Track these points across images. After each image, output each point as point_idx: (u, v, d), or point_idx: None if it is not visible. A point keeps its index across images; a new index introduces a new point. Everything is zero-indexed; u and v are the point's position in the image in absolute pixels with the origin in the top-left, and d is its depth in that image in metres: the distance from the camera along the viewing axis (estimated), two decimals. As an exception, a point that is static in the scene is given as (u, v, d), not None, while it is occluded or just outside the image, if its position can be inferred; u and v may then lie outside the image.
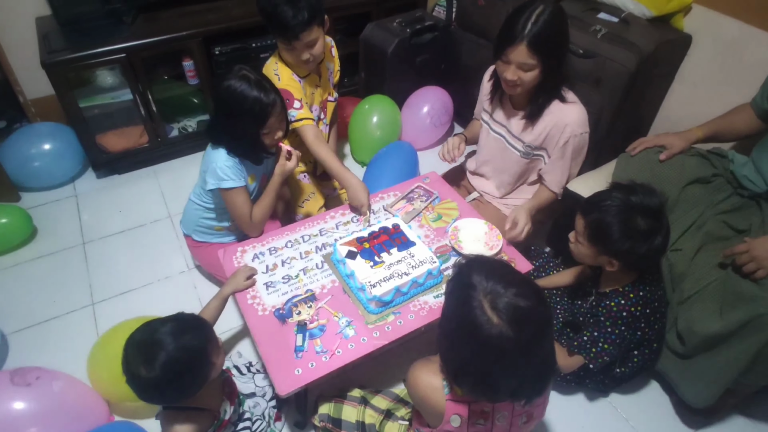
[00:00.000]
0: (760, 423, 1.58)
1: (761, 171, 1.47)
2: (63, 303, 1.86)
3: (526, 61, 1.45)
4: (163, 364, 1.07)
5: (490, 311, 0.84)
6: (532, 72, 1.48)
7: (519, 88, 1.54)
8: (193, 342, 1.13)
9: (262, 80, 1.50)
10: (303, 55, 1.67)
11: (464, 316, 0.87)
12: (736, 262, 1.32)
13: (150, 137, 2.41)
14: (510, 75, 1.49)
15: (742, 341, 1.27)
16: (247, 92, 1.45)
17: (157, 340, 1.10)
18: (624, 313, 1.39)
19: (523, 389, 0.89)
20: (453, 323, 0.91)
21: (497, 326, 0.83)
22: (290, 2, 1.55)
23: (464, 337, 0.88)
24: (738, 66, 1.82)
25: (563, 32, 1.48)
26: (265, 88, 1.48)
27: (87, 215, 2.25)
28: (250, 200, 1.60)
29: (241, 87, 1.45)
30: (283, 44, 1.67)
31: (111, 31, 2.13)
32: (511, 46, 1.44)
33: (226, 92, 1.47)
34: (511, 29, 1.43)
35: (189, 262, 2.04)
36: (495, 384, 0.88)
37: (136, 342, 1.12)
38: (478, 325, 0.84)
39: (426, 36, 2.48)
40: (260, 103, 1.46)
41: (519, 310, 0.83)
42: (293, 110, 1.72)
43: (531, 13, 1.41)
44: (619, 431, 1.56)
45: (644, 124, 2.19)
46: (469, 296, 0.86)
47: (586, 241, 1.35)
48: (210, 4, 2.41)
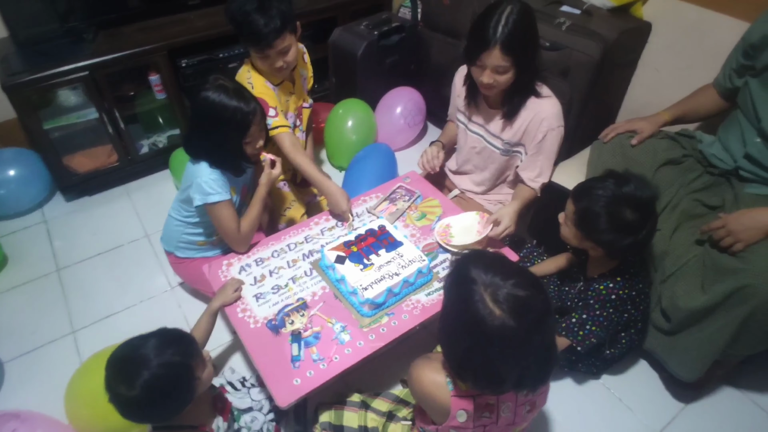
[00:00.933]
0: (747, 391, 1.64)
1: (728, 149, 1.53)
2: (42, 333, 1.80)
3: (500, 64, 1.45)
4: (144, 382, 1.03)
5: (491, 304, 0.85)
6: (507, 74, 1.49)
7: (495, 90, 1.56)
8: (174, 358, 1.08)
9: (240, 89, 1.48)
10: (277, 63, 1.66)
11: (466, 311, 0.87)
12: (714, 237, 1.37)
13: (119, 155, 2.35)
14: (486, 79, 1.50)
15: (727, 313, 1.32)
16: (227, 102, 1.42)
17: (138, 357, 1.05)
18: (613, 296, 1.42)
19: (527, 378, 0.90)
20: (455, 319, 0.92)
21: (499, 318, 0.84)
22: (261, 10, 1.53)
23: (467, 332, 0.89)
24: (697, 49, 1.89)
25: (533, 29, 1.50)
26: (244, 97, 1.46)
27: (59, 241, 2.18)
28: (236, 214, 1.57)
29: (219, 97, 1.43)
30: (256, 53, 1.65)
31: (72, 50, 2.07)
32: (485, 51, 1.44)
33: (204, 104, 1.43)
34: (483, 34, 1.43)
35: (171, 280, 1.99)
36: (500, 375, 0.89)
37: (117, 360, 1.08)
38: (480, 318, 0.85)
39: (394, 37, 2.49)
40: (241, 112, 1.44)
41: (519, 300, 0.85)
42: (269, 118, 1.70)
43: (500, 16, 1.42)
44: (613, 411, 1.59)
45: (612, 111, 2.26)
46: (469, 290, 0.87)
47: (572, 226, 1.38)
48: (172, 16, 2.37)
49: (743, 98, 1.50)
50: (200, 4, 2.39)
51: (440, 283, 1.48)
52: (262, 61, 1.67)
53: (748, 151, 1.46)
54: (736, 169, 1.51)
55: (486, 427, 1.03)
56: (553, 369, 0.93)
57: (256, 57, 1.68)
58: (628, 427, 1.55)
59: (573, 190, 1.42)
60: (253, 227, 1.60)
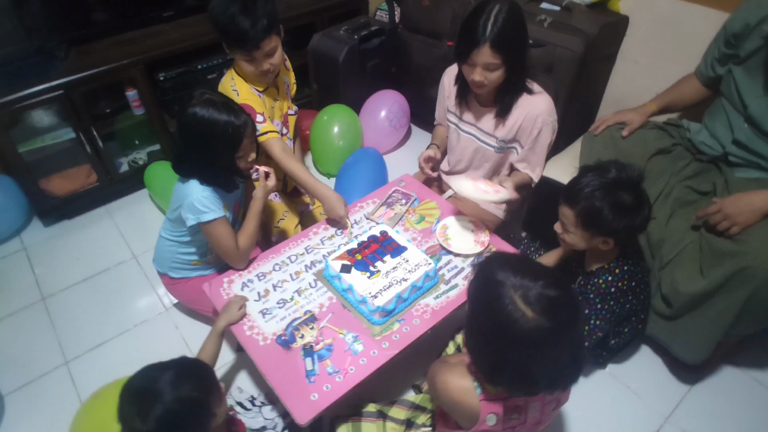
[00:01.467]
0: (747, 369, 1.69)
1: (716, 135, 1.58)
2: (34, 366, 1.71)
3: (490, 61, 1.46)
4: (159, 417, 0.99)
5: (523, 306, 0.84)
6: (497, 71, 1.50)
7: (487, 88, 1.56)
8: (193, 393, 1.05)
9: (228, 102, 1.44)
10: (263, 66, 1.63)
11: (497, 315, 0.86)
12: (710, 221, 1.41)
13: (99, 175, 2.27)
14: (477, 77, 1.51)
15: (728, 295, 1.36)
16: (217, 117, 1.38)
17: (155, 391, 1.01)
18: (612, 288, 1.45)
19: (560, 378, 0.91)
20: (485, 323, 0.91)
21: (533, 320, 0.83)
22: (247, 12, 1.50)
23: (500, 336, 0.88)
24: (675, 40, 1.95)
25: (522, 27, 1.51)
26: (234, 110, 1.42)
27: (41, 268, 2.08)
28: (233, 230, 1.53)
29: (208, 113, 1.38)
30: (242, 56, 1.61)
31: (44, 69, 1.98)
32: (476, 48, 1.45)
33: (193, 120, 1.39)
34: (473, 32, 1.44)
35: (166, 301, 1.93)
36: (534, 377, 0.88)
37: (133, 390, 1.04)
38: (513, 321, 0.84)
39: (374, 41, 2.48)
40: (232, 126, 1.40)
41: (551, 300, 0.84)
42: (257, 124, 1.66)
43: (489, 14, 1.43)
44: (623, 398, 1.62)
45: (594, 104, 2.31)
46: (498, 294, 0.86)
47: (578, 230, 1.38)
48: (146, 29, 2.30)
49: (727, 86, 1.55)
50: (174, 15, 2.33)
51: (447, 286, 1.48)
52: (248, 64, 1.63)
53: (736, 136, 1.50)
54: (724, 155, 1.56)
55: (515, 428, 1.03)
56: (584, 366, 0.93)
57: (241, 61, 1.64)
58: (638, 413, 1.58)
59: (562, 197, 1.42)
60: (251, 243, 1.56)
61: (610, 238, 1.37)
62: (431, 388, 1.12)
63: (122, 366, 1.52)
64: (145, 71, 2.16)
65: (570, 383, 0.93)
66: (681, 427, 1.54)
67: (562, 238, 1.47)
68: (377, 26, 2.51)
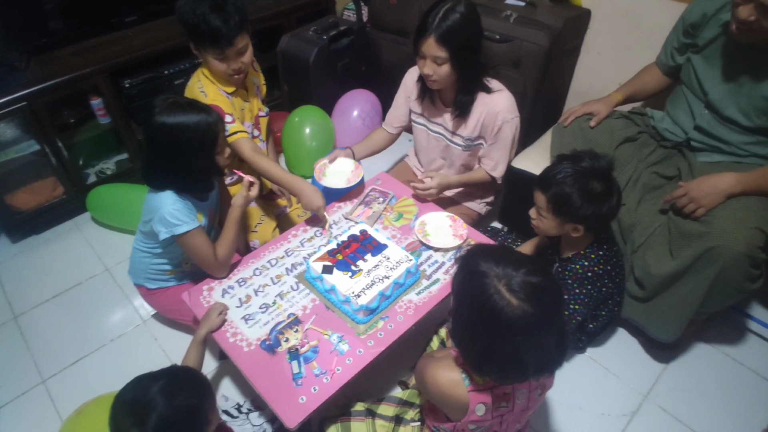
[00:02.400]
0: (716, 345, 1.76)
1: (678, 122, 1.64)
2: (10, 387, 1.66)
3: (436, 54, 1.51)
4: (156, 426, 0.99)
5: (508, 294, 0.86)
6: (445, 65, 1.53)
7: (437, 83, 1.60)
8: (189, 401, 1.04)
9: (194, 102, 1.41)
10: (234, 64, 1.61)
11: (483, 305, 0.88)
12: (677, 205, 1.46)
13: (66, 188, 2.21)
14: (426, 69, 1.56)
15: (697, 275, 1.41)
16: (187, 120, 1.35)
17: (150, 400, 1.01)
18: (589, 273, 1.49)
19: (547, 362, 0.93)
20: (472, 315, 0.93)
21: (518, 307, 0.85)
22: (218, 9, 1.49)
23: (486, 326, 0.90)
24: (636, 31, 2.01)
25: (472, 25, 1.53)
26: (202, 108, 1.39)
27: (10, 286, 2.01)
28: (209, 240, 1.50)
29: (177, 118, 1.35)
30: (214, 55, 1.58)
31: (5, 81, 1.91)
32: (422, 39, 1.51)
33: (162, 129, 1.35)
34: (422, 24, 1.50)
35: (143, 313, 1.89)
36: (524, 364, 0.90)
37: (127, 401, 1.02)
38: (499, 310, 0.86)
39: (343, 41, 2.48)
40: (206, 124, 1.37)
41: (535, 286, 0.87)
42: (226, 125, 1.63)
43: (440, 9, 1.48)
44: (603, 379, 1.67)
45: (561, 96, 2.36)
46: (483, 284, 0.88)
47: (550, 215, 1.42)
48: (107, 36, 2.24)
49: (687, 74, 1.61)
50: (138, 20, 2.28)
51: (428, 281, 1.50)
52: (219, 63, 1.60)
53: (698, 122, 1.56)
54: (687, 140, 1.62)
55: (503, 416, 1.05)
56: (568, 349, 0.96)
57: (212, 61, 1.61)
58: (619, 393, 1.63)
59: (536, 182, 1.47)
60: (230, 251, 1.53)
61: (580, 224, 1.41)
62: (420, 383, 1.13)
63: (102, 382, 1.50)
64: (109, 79, 2.11)
65: (556, 367, 0.96)
66: (659, 404, 1.60)
67: (536, 225, 1.51)
68: (345, 26, 2.50)
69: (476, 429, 1.05)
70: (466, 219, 1.76)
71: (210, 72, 1.67)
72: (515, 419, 1.09)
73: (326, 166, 1.80)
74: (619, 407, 1.59)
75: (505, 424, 1.08)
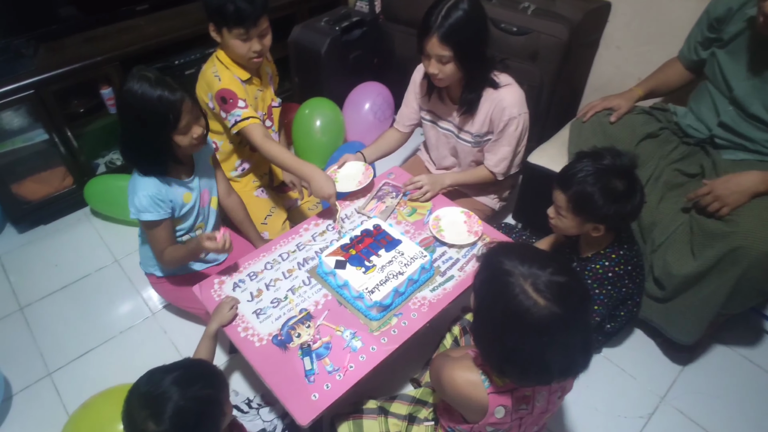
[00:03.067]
0: (734, 347, 1.73)
1: (701, 119, 1.60)
2: (16, 379, 1.64)
3: (440, 53, 1.47)
4: (173, 416, 0.96)
5: (534, 294, 0.83)
6: (450, 64, 1.50)
7: (444, 81, 1.56)
8: (204, 391, 1.02)
9: (163, 78, 1.35)
10: (256, 45, 1.61)
11: (507, 305, 0.85)
12: (701, 203, 1.42)
13: (75, 178, 2.19)
14: (432, 69, 1.53)
15: (720, 275, 1.38)
16: (150, 92, 1.30)
17: (166, 391, 0.98)
18: (609, 273, 1.45)
19: (572, 365, 0.90)
20: (495, 315, 0.89)
21: (545, 307, 0.82)
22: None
23: (511, 327, 0.87)
24: (656, 25, 1.96)
25: (476, 22, 1.48)
26: (168, 85, 1.33)
27: (16, 276, 2.00)
28: (170, 236, 1.49)
29: (141, 88, 1.30)
30: (236, 36, 1.58)
31: (12, 68, 1.89)
32: (426, 38, 1.47)
33: (128, 97, 1.31)
34: (425, 23, 1.47)
35: (152, 305, 1.87)
36: (548, 365, 0.87)
37: (141, 394, 0.99)
38: (525, 310, 0.83)
39: (355, 32, 2.44)
40: (167, 101, 1.31)
41: (561, 286, 0.84)
42: (238, 109, 1.61)
43: (443, 7, 1.45)
44: (619, 381, 1.64)
45: (578, 91, 2.31)
46: (507, 284, 0.85)
47: (570, 214, 1.39)
48: (119, 24, 2.22)
49: (711, 69, 1.56)
50: (149, 9, 2.25)
51: (443, 277, 1.47)
52: (241, 44, 1.60)
53: (722, 119, 1.52)
54: (711, 137, 1.58)
55: (522, 419, 1.02)
56: (593, 352, 0.93)
57: (233, 42, 1.60)
58: (635, 395, 1.60)
59: (556, 181, 1.43)
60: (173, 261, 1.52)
61: (601, 224, 1.38)
62: (436, 383, 1.10)
63: (110, 375, 1.47)
64: (120, 68, 2.08)
65: (581, 370, 0.92)
66: (676, 407, 1.56)
67: (554, 224, 1.47)
68: (358, 17, 2.46)
69: (494, 431, 1.02)
70: (478, 214, 1.73)
71: (228, 56, 1.66)
72: (534, 421, 1.06)
73: (336, 172, 1.76)
74: (635, 409, 1.56)
75: (523, 426, 1.05)
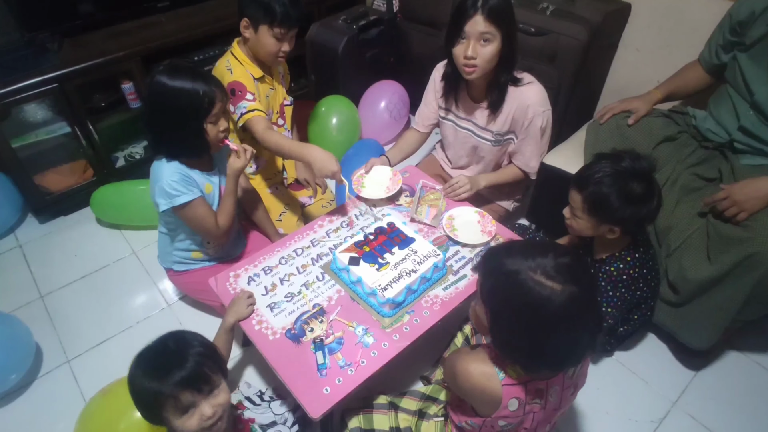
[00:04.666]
0: (748, 353, 1.71)
1: (721, 123, 1.58)
2: (35, 365, 1.67)
3: (485, 30, 1.45)
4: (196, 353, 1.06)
5: (549, 282, 0.84)
6: (491, 45, 1.48)
7: (478, 69, 1.52)
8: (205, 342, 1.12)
9: (195, 68, 1.40)
10: (286, 47, 1.68)
11: (526, 301, 0.86)
12: (719, 208, 1.41)
13: (96, 170, 2.23)
14: (470, 51, 1.48)
15: (736, 281, 1.36)
16: (184, 83, 1.34)
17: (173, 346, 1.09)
18: (624, 276, 1.45)
19: (585, 347, 0.91)
20: (517, 316, 0.90)
21: (564, 290, 0.83)
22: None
23: (537, 321, 0.87)
24: (677, 28, 1.94)
25: (513, 13, 1.51)
26: (202, 75, 1.37)
27: (38, 266, 2.05)
28: (211, 209, 1.51)
29: (175, 79, 1.34)
30: (274, 34, 1.63)
31: (37, 61, 1.94)
32: (467, 18, 1.46)
33: (161, 89, 1.34)
34: (464, 4, 1.46)
35: (168, 297, 1.91)
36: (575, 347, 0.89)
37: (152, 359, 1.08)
38: (546, 300, 0.83)
39: (373, 31, 2.46)
40: (202, 90, 1.35)
41: (569, 266, 0.85)
42: (245, 101, 1.64)
43: None
44: (631, 384, 1.63)
45: (595, 92, 2.30)
46: (518, 282, 0.86)
47: (585, 215, 1.39)
48: (140, 20, 2.26)
49: (732, 73, 1.54)
50: (170, 5, 2.28)
51: (455, 276, 1.47)
52: (274, 42, 1.65)
53: (742, 123, 1.50)
54: (730, 141, 1.56)
55: (535, 413, 1.02)
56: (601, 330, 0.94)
57: (266, 38, 1.64)
58: (647, 399, 1.59)
59: (573, 181, 1.43)
60: (229, 220, 1.55)
61: (616, 226, 1.37)
62: (450, 376, 1.10)
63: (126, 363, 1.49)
64: (141, 63, 2.12)
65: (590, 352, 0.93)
66: (688, 412, 1.55)
67: (570, 224, 1.47)
68: (375, 16, 2.48)
69: (506, 426, 1.03)
70: (493, 215, 1.73)
71: (252, 51, 1.71)
72: (546, 419, 1.06)
73: (363, 176, 1.75)
74: (646, 413, 1.55)
75: (534, 422, 1.05)
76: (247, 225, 1.86)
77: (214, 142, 1.46)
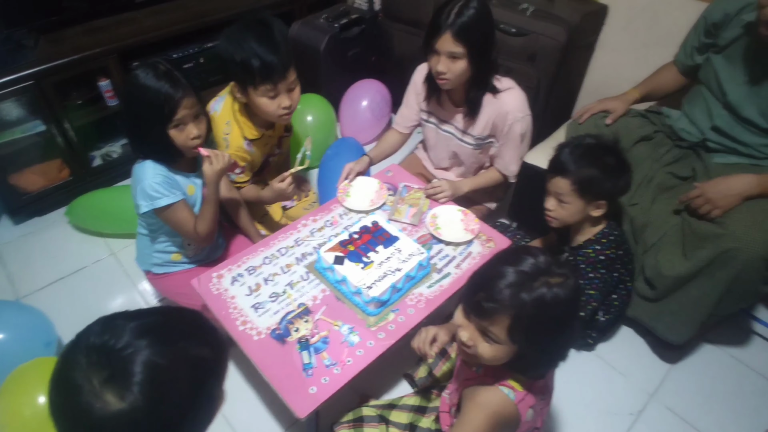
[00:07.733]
0: (723, 347, 1.77)
1: (695, 122, 1.63)
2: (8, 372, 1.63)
3: (453, 50, 1.48)
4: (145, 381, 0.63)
5: (553, 279, 0.83)
6: (460, 62, 1.51)
7: (449, 82, 1.56)
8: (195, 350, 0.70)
9: (171, 72, 1.33)
10: (284, 102, 1.54)
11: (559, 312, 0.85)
12: (692, 205, 1.45)
13: (72, 170, 2.18)
14: (440, 66, 1.52)
15: (711, 277, 1.41)
16: (151, 82, 1.29)
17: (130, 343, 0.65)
18: (602, 257, 1.51)
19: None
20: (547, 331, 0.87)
21: (575, 281, 0.84)
22: (267, 39, 1.44)
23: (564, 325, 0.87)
24: (653, 29, 1.99)
25: (488, 23, 1.52)
26: (173, 79, 1.31)
27: (14, 267, 2.00)
28: (192, 213, 1.48)
29: (145, 77, 1.29)
30: (263, 93, 1.50)
31: (13, 58, 1.88)
32: (437, 36, 1.48)
33: (132, 82, 1.31)
34: (437, 21, 1.48)
35: (148, 298, 1.88)
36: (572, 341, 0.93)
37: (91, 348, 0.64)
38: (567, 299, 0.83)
39: (354, 30, 2.46)
40: (164, 95, 1.29)
41: (558, 259, 0.86)
42: (233, 174, 1.70)
43: (454, 5, 1.47)
44: (609, 378, 1.67)
45: (573, 92, 2.34)
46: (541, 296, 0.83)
47: (575, 198, 1.44)
48: (117, 17, 2.21)
49: (706, 74, 1.59)
50: (148, 1, 2.24)
51: (439, 274, 1.48)
52: (268, 102, 1.52)
53: (715, 123, 1.55)
54: (703, 141, 1.61)
55: (543, 409, 1.04)
56: None
57: (259, 100, 1.52)
58: (625, 392, 1.63)
59: (552, 171, 1.47)
60: (209, 226, 1.49)
61: (603, 200, 1.45)
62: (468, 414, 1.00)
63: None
64: (118, 60, 2.08)
65: None
66: (665, 404, 1.60)
67: (554, 216, 1.50)
68: (357, 14, 2.48)
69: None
70: (476, 213, 1.75)
71: (250, 114, 1.62)
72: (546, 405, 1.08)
73: (349, 186, 1.76)
74: (625, 406, 1.59)
75: (542, 416, 1.07)
76: (228, 227, 1.84)
77: (185, 148, 1.41)
